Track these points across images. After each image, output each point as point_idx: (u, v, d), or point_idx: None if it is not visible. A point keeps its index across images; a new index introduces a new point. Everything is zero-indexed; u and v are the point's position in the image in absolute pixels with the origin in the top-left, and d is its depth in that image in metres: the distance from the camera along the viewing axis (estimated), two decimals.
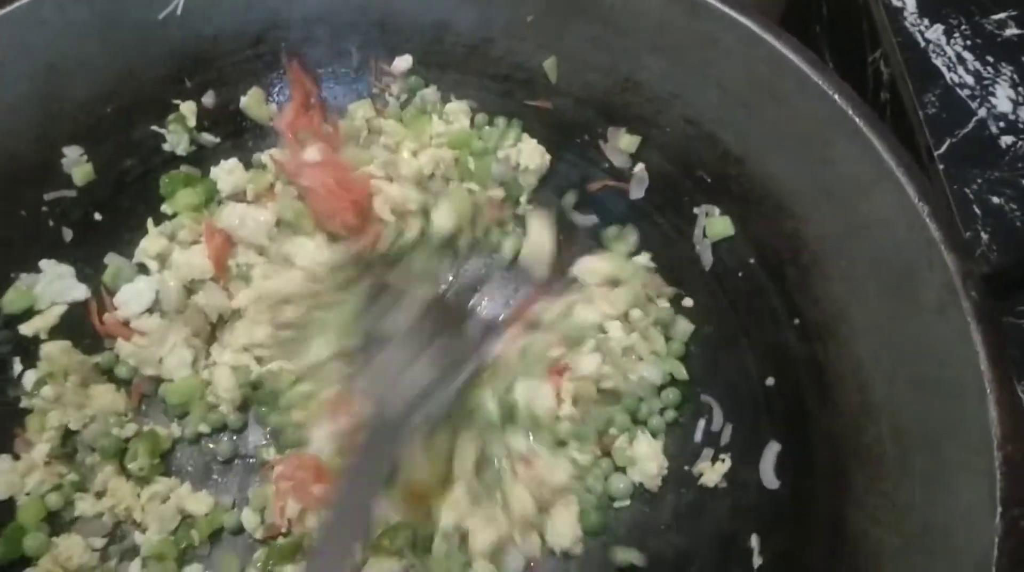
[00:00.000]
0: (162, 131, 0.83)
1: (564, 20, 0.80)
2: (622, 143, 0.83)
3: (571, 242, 0.85)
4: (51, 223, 0.80)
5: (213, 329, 0.81)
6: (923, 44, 0.78)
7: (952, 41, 0.78)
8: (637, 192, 0.84)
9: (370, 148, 0.86)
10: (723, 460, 0.73)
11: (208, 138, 0.85)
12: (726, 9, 0.72)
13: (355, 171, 0.82)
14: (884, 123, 0.66)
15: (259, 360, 0.80)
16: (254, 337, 0.80)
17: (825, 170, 0.68)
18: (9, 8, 0.72)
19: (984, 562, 0.50)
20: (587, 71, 0.83)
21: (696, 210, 0.80)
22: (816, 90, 0.68)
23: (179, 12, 0.79)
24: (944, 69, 0.77)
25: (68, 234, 0.81)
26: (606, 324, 0.80)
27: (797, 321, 0.71)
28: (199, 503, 0.75)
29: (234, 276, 0.81)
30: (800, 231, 0.71)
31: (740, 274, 0.77)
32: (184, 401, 0.79)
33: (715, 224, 0.78)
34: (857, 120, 0.65)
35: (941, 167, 0.70)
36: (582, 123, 0.85)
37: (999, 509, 0.51)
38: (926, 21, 0.80)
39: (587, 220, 0.86)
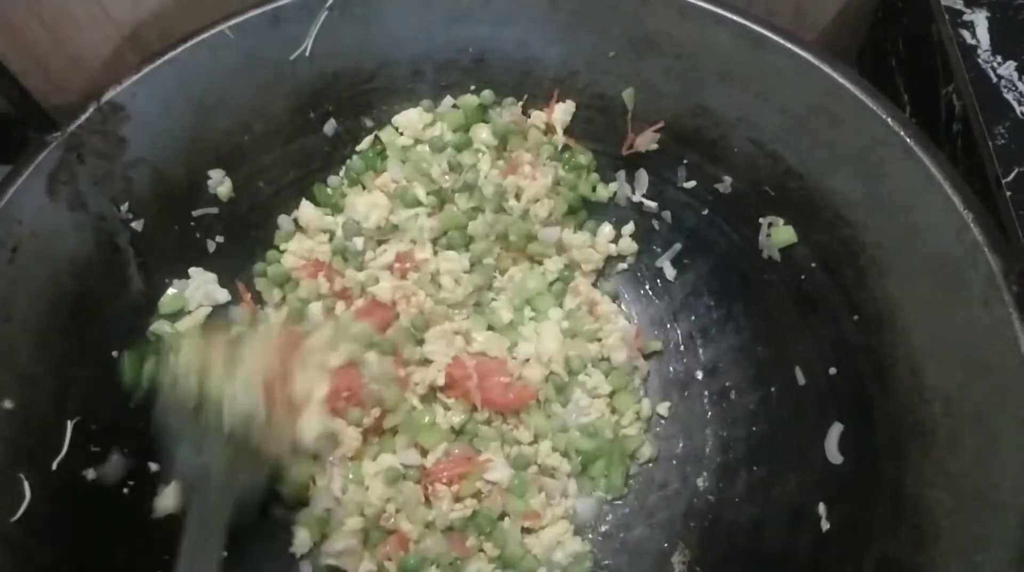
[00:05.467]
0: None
1: (642, 55, 0.90)
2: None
3: None
4: (198, 236, 0.92)
5: None
6: (995, 79, 0.81)
7: None
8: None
9: None
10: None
11: None
12: (788, 43, 0.81)
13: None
14: (939, 147, 0.74)
15: None
16: None
17: (879, 184, 0.77)
18: (174, 52, 0.84)
19: None
20: (661, 99, 0.92)
21: (761, 220, 0.89)
22: (870, 113, 0.76)
23: (308, 54, 0.91)
24: (1015, 103, 0.79)
25: (211, 246, 0.93)
26: None
27: (856, 317, 0.79)
28: None
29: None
30: (857, 237, 0.80)
31: (803, 277, 0.85)
32: None
33: (779, 233, 0.87)
34: (908, 140, 0.74)
35: (1008, 194, 0.74)
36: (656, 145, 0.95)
37: None
38: (999, 58, 0.82)
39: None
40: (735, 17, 0.84)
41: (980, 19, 0.85)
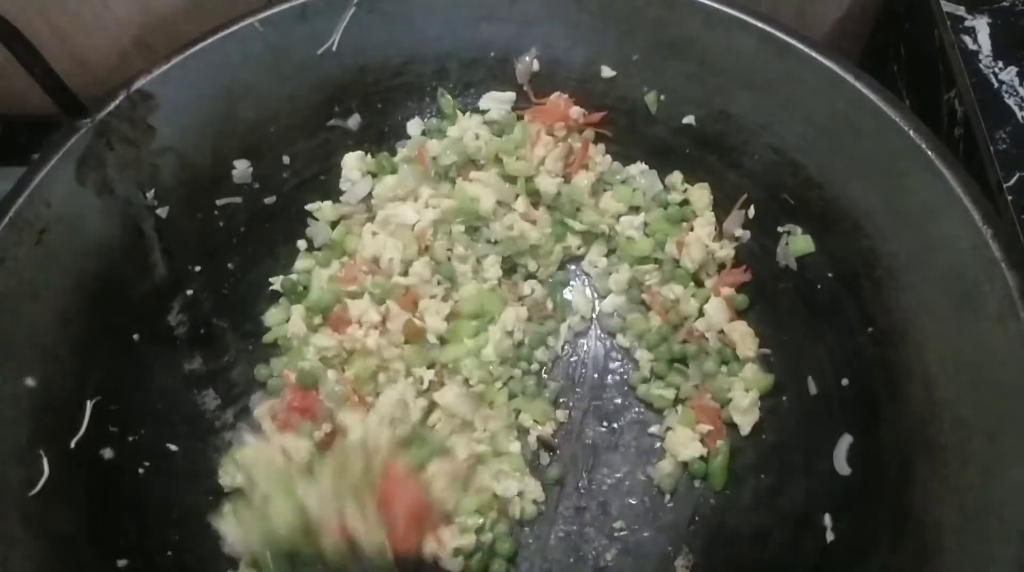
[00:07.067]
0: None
1: (666, 59, 0.91)
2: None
3: None
4: (221, 224, 0.93)
5: None
6: (996, 85, 0.82)
7: None
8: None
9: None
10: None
11: None
12: (813, 53, 0.82)
13: None
14: (954, 156, 0.74)
15: None
16: None
17: (899, 196, 0.77)
18: (204, 43, 0.86)
19: None
20: (684, 104, 0.93)
21: (780, 229, 0.89)
22: (892, 125, 0.76)
23: (334, 48, 0.92)
24: (1016, 108, 0.81)
25: (233, 236, 0.94)
26: None
27: (871, 329, 0.79)
28: None
29: None
30: (875, 249, 0.79)
31: (819, 286, 0.85)
32: None
33: (797, 242, 0.87)
34: (929, 153, 0.74)
35: (1010, 198, 0.75)
36: (677, 150, 0.95)
37: None
38: (1000, 63, 0.83)
39: None
40: (760, 24, 0.84)
41: (982, 25, 0.86)
